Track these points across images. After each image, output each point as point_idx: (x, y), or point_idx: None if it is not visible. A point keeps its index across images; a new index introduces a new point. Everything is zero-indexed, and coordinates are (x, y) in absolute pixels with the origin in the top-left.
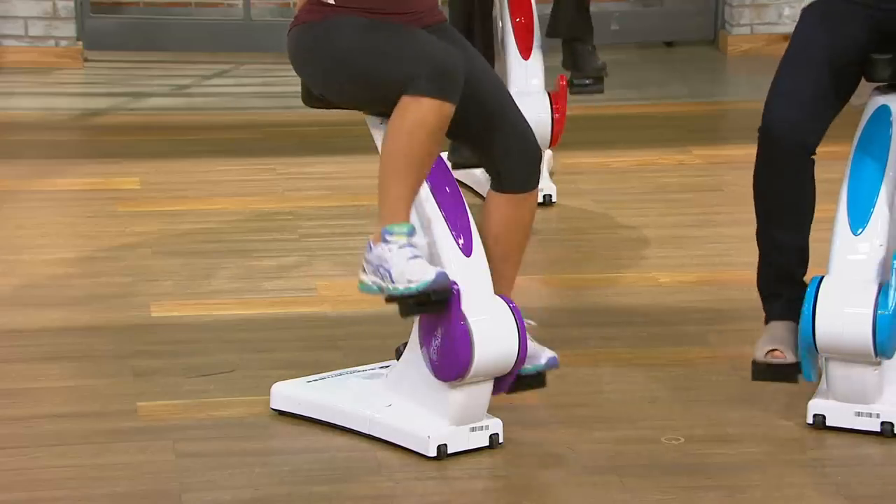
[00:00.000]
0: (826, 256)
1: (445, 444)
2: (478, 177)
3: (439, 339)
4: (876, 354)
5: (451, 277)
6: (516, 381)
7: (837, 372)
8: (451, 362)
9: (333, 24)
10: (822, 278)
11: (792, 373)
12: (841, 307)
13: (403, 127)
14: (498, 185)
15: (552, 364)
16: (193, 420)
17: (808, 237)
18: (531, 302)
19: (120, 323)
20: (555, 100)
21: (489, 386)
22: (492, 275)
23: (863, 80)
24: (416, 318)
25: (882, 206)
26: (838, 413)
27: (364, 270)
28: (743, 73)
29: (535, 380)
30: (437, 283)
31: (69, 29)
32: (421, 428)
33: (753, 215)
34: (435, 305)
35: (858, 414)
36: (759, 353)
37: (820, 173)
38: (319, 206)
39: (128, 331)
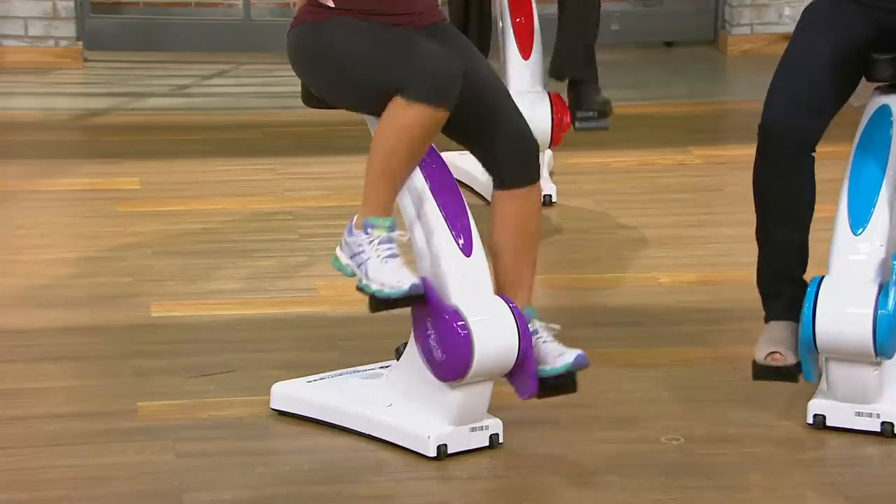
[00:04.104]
0: (826, 256)
1: (445, 444)
2: (478, 177)
3: (435, 337)
4: (876, 354)
5: (451, 277)
6: (546, 383)
7: (837, 372)
8: (452, 363)
9: (331, 25)
10: (822, 278)
11: (792, 374)
12: (841, 307)
13: (395, 127)
14: (500, 183)
15: (581, 362)
16: (193, 420)
17: (807, 235)
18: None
19: (120, 323)
20: (555, 100)
21: (489, 386)
22: (509, 281)
23: (863, 81)
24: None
25: (882, 206)
26: (838, 413)
27: (341, 248)
28: (743, 73)
29: (566, 380)
30: (411, 293)
31: (69, 29)
32: (421, 428)
33: (753, 215)
34: (404, 306)
35: (858, 414)
36: (760, 355)
37: (820, 173)
38: (319, 206)
39: (128, 331)
